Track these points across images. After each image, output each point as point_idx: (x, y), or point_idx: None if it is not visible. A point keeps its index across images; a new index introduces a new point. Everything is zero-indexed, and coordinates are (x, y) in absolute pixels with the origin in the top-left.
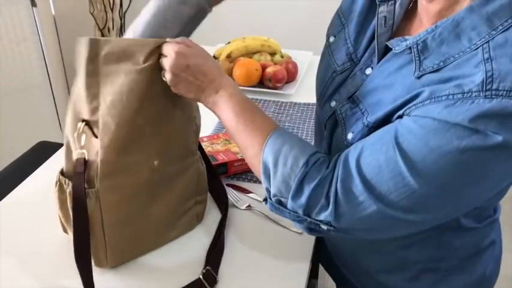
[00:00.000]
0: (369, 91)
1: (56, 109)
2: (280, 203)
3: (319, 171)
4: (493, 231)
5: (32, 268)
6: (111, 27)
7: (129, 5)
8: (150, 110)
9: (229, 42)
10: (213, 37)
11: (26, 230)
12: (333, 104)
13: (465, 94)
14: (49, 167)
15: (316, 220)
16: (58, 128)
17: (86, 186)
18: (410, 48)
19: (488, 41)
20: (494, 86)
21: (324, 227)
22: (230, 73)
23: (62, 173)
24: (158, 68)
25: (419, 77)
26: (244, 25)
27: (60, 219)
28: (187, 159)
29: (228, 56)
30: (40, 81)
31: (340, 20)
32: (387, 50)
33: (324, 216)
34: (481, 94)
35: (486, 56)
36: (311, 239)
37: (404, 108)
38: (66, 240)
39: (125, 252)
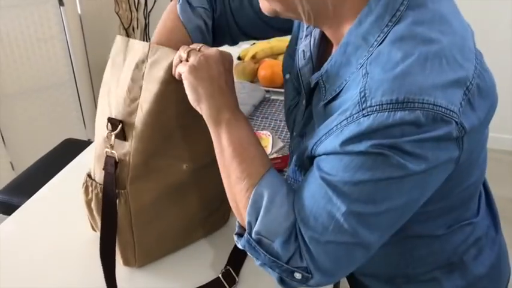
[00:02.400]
0: (311, 127)
1: (81, 107)
2: (259, 242)
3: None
4: (471, 236)
5: (59, 265)
6: (135, 26)
7: (153, 5)
8: (181, 116)
9: (254, 43)
10: None
11: (55, 227)
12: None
13: (348, 119)
14: (76, 164)
15: (293, 270)
16: (82, 125)
17: (116, 188)
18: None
19: (368, 58)
20: (368, 104)
21: (298, 275)
22: (255, 74)
23: (89, 175)
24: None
25: (325, 106)
26: None
27: (88, 218)
28: (215, 162)
29: (253, 57)
30: (66, 79)
31: (290, 57)
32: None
33: (303, 263)
34: (360, 114)
35: (364, 71)
36: None
37: (313, 144)
38: (94, 238)
39: (153, 251)
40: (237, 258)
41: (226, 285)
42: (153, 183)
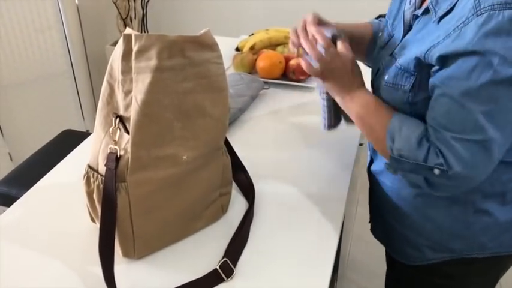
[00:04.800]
0: (402, 47)
1: (79, 97)
2: (401, 156)
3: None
4: None
5: (58, 256)
6: (133, 16)
7: None
8: (179, 106)
9: (252, 34)
10: (237, 28)
11: (54, 219)
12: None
13: (465, 22)
14: (75, 156)
15: (432, 166)
16: (80, 116)
17: (116, 180)
18: (428, 8)
19: None
20: (482, 6)
21: (437, 171)
22: (253, 65)
23: (90, 166)
24: (183, 64)
25: (438, 22)
26: (267, 17)
27: (88, 209)
28: (213, 153)
29: (252, 48)
30: (64, 70)
31: (386, 19)
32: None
33: (437, 160)
34: (474, 16)
35: None
36: (333, 246)
37: (428, 48)
38: (93, 229)
39: (152, 242)
40: (234, 250)
41: (223, 276)
42: (152, 175)
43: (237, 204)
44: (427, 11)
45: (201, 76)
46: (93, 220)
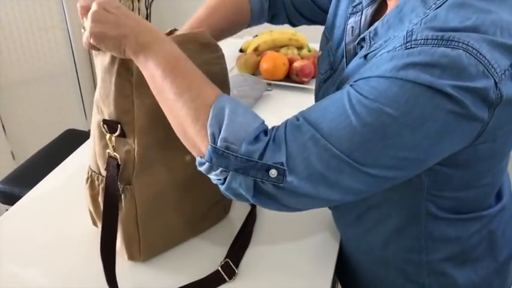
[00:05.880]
0: (340, 84)
1: (82, 97)
2: (227, 148)
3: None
4: (481, 230)
5: (60, 255)
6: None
7: None
8: None
9: (256, 35)
10: None
11: (56, 219)
12: None
13: (390, 51)
14: (78, 156)
15: (269, 164)
16: (83, 115)
17: (121, 183)
18: (364, 38)
19: (422, 19)
20: (413, 37)
21: (274, 172)
22: (257, 66)
23: (92, 169)
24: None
25: (365, 57)
26: None
27: (90, 212)
28: None
29: (256, 49)
30: (67, 69)
31: (325, 36)
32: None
33: (277, 158)
34: (403, 47)
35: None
36: (335, 248)
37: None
38: (94, 232)
39: (157, 245)
40: (236, 251)
41: (225, 277)
42: (158, 177)
43: (239, 204)
44: (362, 41)
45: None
46: (95, 224)
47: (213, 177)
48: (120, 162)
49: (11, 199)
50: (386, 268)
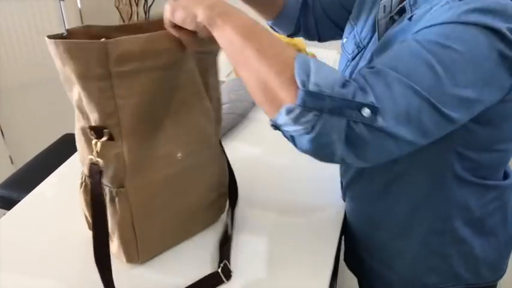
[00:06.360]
0: (377, 54)
1: None
2: (320, 91)
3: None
4: (496, 200)
5: (58, 260)
6: (135, 21)
7: (153, 0)
8: (169, 102)
9: None
10: None
11: (54, 223)
12: None
13: (444, 5)
14: (76, 160)
15: (362, 103)
16: None
17: (113, 187)
18: (404, 8)
19: None
20: None
21: (367, 111)
22: None
23: (86, 174)
24: (176, 59)
25: (410, 19)
26: None
27: (85, 217)
28: (209, 150)
29: None
30: None
31: (350, 24)
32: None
33: (368, 98)
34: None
35: None
36: (333, 248)
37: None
38: (91, 237)
39: (155, 246)
40: (226, 252)
41: (224, 279)
42: (151, 177)
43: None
44: (402, 11)
45: (187, 71)
46: (90, 228)
47: (298, 127)
48: (102, 168)
49: (9, 203)
50: (408, 242)
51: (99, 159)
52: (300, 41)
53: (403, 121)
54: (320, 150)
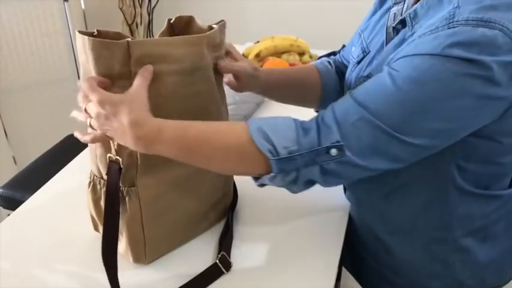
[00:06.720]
0: (378, 64)
1: None
2: (291, 152)
3: (311, 120)
4: (500, 209)
5: (62, 261)
6: (139, 22)
7: (157, 1)
8: (188, 108)
9: (258, 41)
10: (242, 36)
11: (58, 224)
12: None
13: (433, 30)
14: (80, 161)
15: (328, 146)
16: None
17: (124, 186)
18: (404, 20)
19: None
20: (455, 19)
21: (334, 151)
22: None
23: (94, 173)
24: (196, 66)
25: (407, 39)
26: (273, 24)
27: (92, 217)
28: None
29: (257, 55)
30: (69, 74)
31: (359, 34)
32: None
33: (333, 138)
34: (445, 27)
35: (455, 5)
36: (339, 247)
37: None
38: (95, 237)
39: (162, 246)
40: (227, 244)
41: (223, 270)
42: (161, 177)
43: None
44: (403, 23)
45: (207, 79)
46: (96, 228)
47: (284, 183)
48: (122, 166)
49: (12, 204)
50: (411, 249)
51: (118, 157)
52: (304, 43)
53: (370, 154)
54: (306, 187)
